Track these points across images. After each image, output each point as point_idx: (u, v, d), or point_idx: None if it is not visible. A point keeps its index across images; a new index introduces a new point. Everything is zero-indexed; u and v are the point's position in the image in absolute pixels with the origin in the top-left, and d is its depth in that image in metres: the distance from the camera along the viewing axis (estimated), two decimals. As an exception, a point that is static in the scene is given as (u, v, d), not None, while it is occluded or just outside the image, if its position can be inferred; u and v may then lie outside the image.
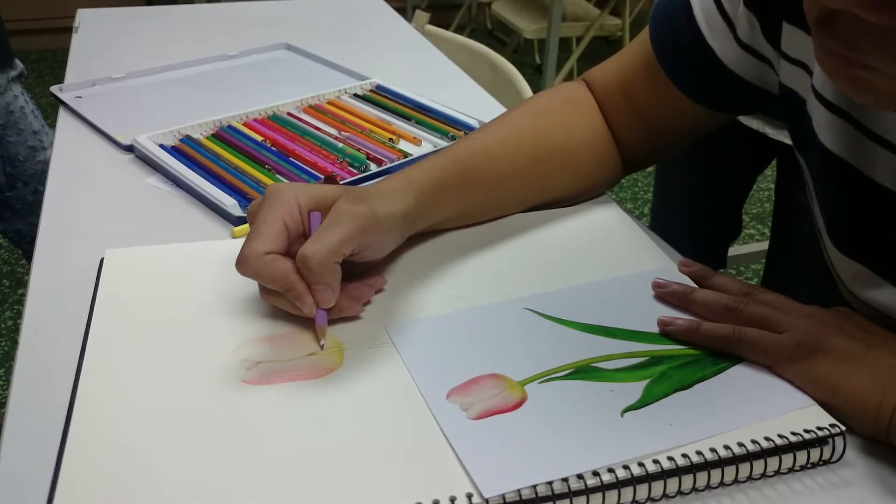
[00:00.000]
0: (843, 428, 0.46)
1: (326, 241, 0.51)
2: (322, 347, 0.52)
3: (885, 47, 0.40)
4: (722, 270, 0.66)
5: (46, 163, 1.39)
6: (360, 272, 0.58)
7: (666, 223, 1.25)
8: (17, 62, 1.37)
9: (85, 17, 1.22)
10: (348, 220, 0.52)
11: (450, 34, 1.32)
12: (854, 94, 0.45)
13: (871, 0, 0.37)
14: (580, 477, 0.42)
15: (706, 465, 0.43)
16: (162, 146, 0.78)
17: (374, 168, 0.78)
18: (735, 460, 0.44)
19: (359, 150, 0.81)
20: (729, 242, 1.32)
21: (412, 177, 0.60)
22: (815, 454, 0.45)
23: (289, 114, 0.89)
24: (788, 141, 1.02)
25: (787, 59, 0.58)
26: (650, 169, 1.81)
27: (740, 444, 0.44)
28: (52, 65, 3.41)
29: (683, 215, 1.24)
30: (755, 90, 0.64)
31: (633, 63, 0.70)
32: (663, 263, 0.62)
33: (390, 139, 0.84)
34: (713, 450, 0.44)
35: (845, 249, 0.56)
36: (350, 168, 0.77)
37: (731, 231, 1.30)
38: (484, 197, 0.66)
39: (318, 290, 0.51)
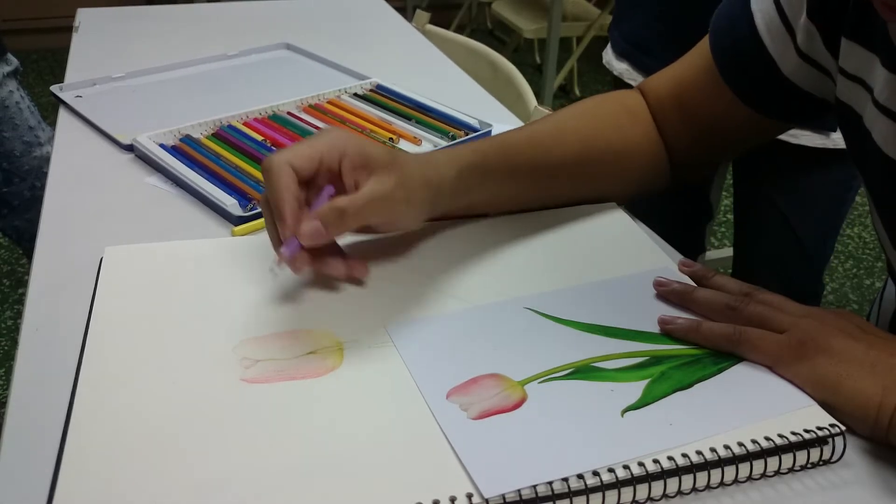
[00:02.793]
0: (843, 428, 0.46)
1: (291, 149, 0.54)
2: (274, 265, 0.54)
3: None
4: (721, 271, 0.67)
5: (43, 158, 1.39)
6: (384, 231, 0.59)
7: (639, 209, 1.27)
8: (12, 58, 1.37)
9: (85, 17, 1.22)
10: (327, 137, 0.55)
11: (450, 34, 1.32)
12: None
13: None
14: (580, 477, 0.42)
15: (706, 465, 0.43)
16: (162, 146, 0.78)
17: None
18: (735, 460, 0.44)
19: (359, 149, 0.81)
20: (703, 225, 1.33)
21: (456, 152, 0.61)
22: (815, 454, 0.45)
23: (289, 113, 0.89)
24: None
25: (845, 75, 0.58)
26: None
27: (740, 444, 0.44)
28: (52, 64, 3.41)
29: (654, 198, 1.25)
30: (813, 100, 0.64)
31: (691, 70, 0.70)
32: (663, 263, 0.62)
33: (390, 139, 0.84)
34: (713, 450, 0.44)
35: None
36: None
37: (702, 213, 1.31)
38: (529, 185, 0.66)
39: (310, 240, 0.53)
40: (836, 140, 0.99)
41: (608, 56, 1.23)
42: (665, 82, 0.72)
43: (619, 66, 1.18)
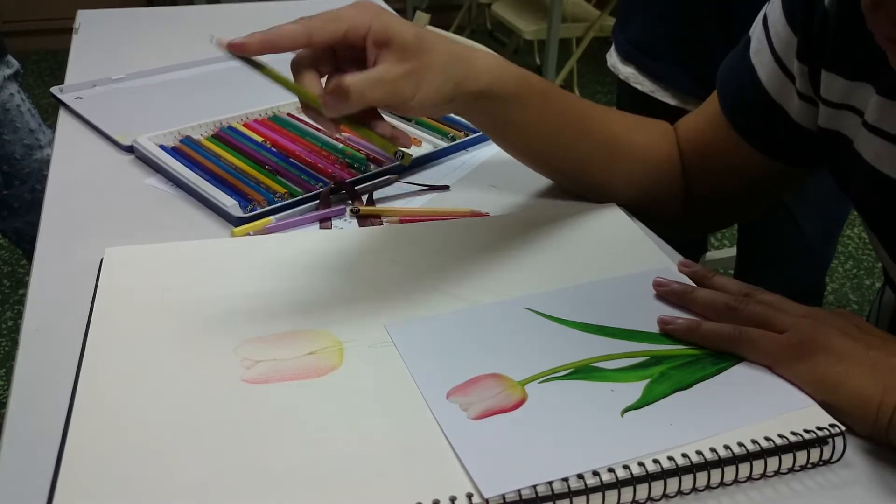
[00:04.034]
0: (843, 428, 0.46)
1: (317, 16, 0.54)
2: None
3: None
4: (722, 271, 0.67)
5: (44, 161, 1.39)
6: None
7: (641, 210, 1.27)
8: (13, 60, 1.37)
9: (85, 18, 1.22)
10: (357, 8, 0.55)
11: (450, 35, 1.32)
12: None
13: None
14: (580, 477, 0.42)
15: (706, 465, 0.43)
16: (162, 147, 0.78)
17: (374, 168, 0.78)
18: (735, 460, 0.44)
19: (359, 150, 0.81)
20: None
21: (503, 61, 0.61)
22: (815, 454, 0.45)
23: (289, 114, 0.89)
24: None
25: (828, 105, 0.60)
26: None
27: (740, 444, 0.44)
28: (52, 65, 3.41)
29: None
30: (818, 140, 0.65)
31: (705, 120, 0.71)
32: (663, 263, 0.62)
33: (390, 140, 0.84)
34: (713, 450, 0.44)
35: None
36: (350, 168, 0.77)
37: None
38: (555, 124, 0.66)
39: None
40: None
41: (613, 59, 1.22)
42: (686, 129, 0.74)
43: (625, 70, 1.18)
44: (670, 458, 0.43)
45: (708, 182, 0.72)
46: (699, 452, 0.44)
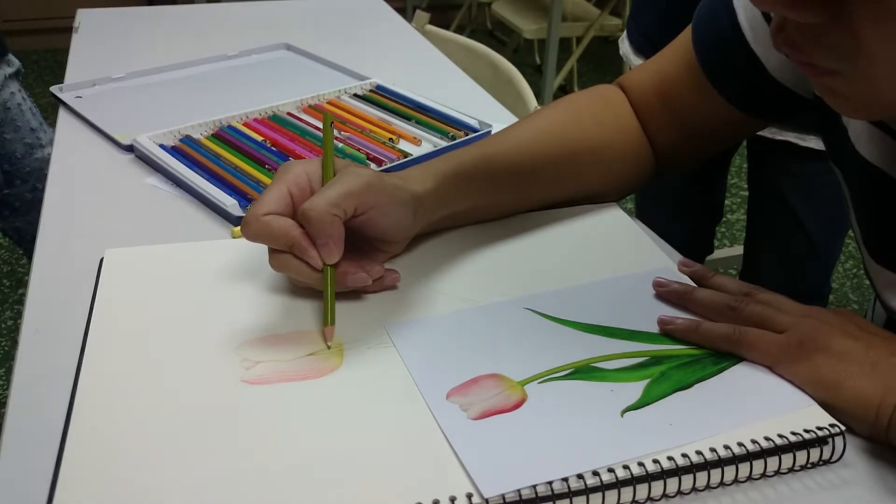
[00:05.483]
0: (843, 428, 0.46)
1: (325, 195, 0.52)
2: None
3: (825, 45, 0.41)
4: (722, 271, 0.67)
5: (44, 160, 1.39)
6: (380, 251, 0.58)
7: (649, 210, 1.27)
8: (14, 59, 1.37)
9: (85, 17, 1.22)
10: (350, 177, 0.54)
11: (450, 34, 1.32)
12: (833, 104, 0.46)
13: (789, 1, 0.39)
14: (580, 477, 0.42)
15: (706, 465, 0.43)
16: (162, 146, 0.78)
17: (374, 168, 0.78)
18: (735, 460, 0.44)
19: (359, 150, 0.81)
20: (713, 226, 1.33)
21: (432, 163, 0.61)
22: (815, 454, 0.45)
23: (289, 114, 0.89)
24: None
25: None
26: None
27: (740, 444, 0.44)
28: (52, 65, 3.41)
29: (665, 201, 1.25)
30: (795, 98, 0.64)
31: (673, 65, 0.70)
32: (663, 263, 0.62)
33: (390, 139, 0.84)
34: (713, 450, 0.44)
35: (880, 259, 0.57)
36: (350, 168, 0.77)
37: (712, 213, 1.31)
38: (505, 192, 0.66)
39: (321, 244, 0.52)
40: None
41: (625, 48, 1.22)
42: (648, 77, 0.72)
43: (636, 62, 1.18)
44: (670, 458, 0.43)
45: (671, 126, 0.71)
46: (699, 452, 0.44)
